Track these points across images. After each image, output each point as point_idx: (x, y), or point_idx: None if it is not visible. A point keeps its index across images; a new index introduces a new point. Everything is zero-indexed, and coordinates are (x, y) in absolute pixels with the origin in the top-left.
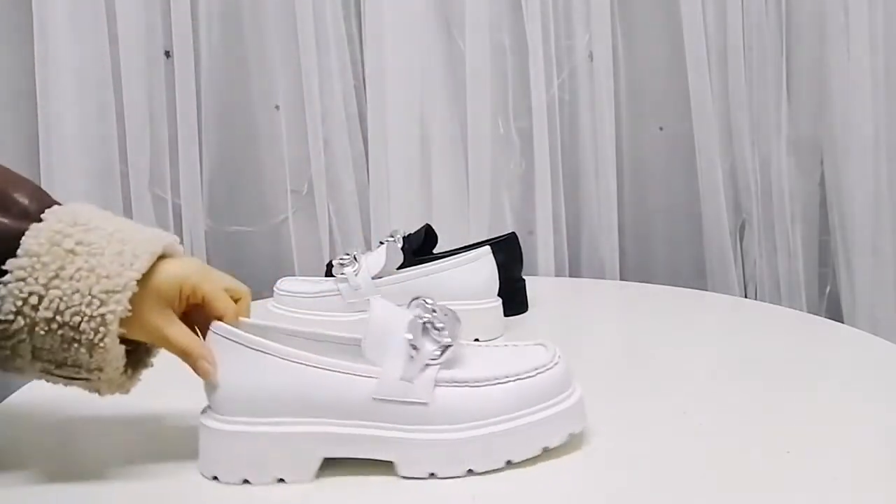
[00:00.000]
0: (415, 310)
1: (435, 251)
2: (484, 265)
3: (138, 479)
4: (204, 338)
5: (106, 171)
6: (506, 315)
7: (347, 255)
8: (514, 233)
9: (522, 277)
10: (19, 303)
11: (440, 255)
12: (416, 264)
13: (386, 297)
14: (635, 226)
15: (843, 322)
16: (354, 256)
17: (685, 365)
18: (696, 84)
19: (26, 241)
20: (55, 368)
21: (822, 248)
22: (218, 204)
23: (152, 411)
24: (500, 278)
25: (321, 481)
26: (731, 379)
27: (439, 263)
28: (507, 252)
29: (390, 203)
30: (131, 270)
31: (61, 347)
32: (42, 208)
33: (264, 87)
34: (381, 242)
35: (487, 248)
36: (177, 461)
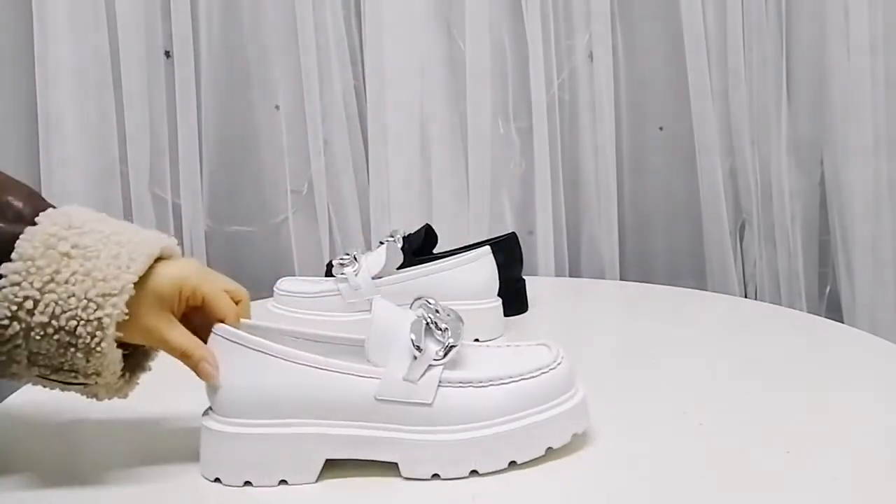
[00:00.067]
0: (418, 310)
1: (435, 251)
2: (484, 265)
3: (138, 481)
4: (205, 340)
5: (106, 171)
6: (506, 315)
7: (347, 255)
8: (514, 233)
9: (522, 277)
10: (14, 307)
11: (440, 255)
12: (416, 264)
13: (386, 297)
14: (635, 226)
15: (843, 322)
16: (354, 256)
17: (685, 365)
18: (696, 84)
19: (21, 244)
20: (51, 373)
21: (822, 248)
22: (218, 204)
23: (152, 413)
24: (500, 278)
25: (324, 483)
26: (731, 379)
27: (439, 263)
28: (507, 252)
29: (390, 203)
30: (128, 273)
31: (57, 352)
32: (36, 211)
33: (264, 87)
34: (381, 242)
35: (487, 248)
36: (177, 463)
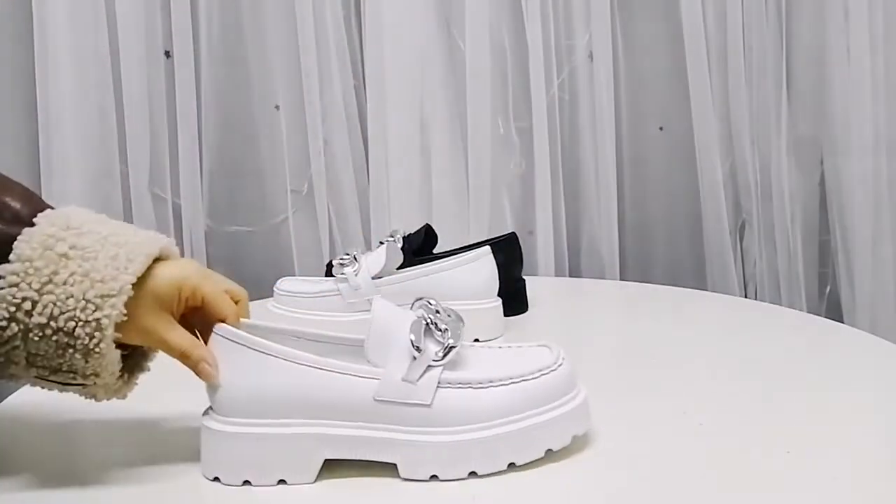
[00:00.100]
0: (418, 310)
1: (435, 251)
2: (484, 265)
3: (138, 481)
4: (205, 340)
5: (106, 171)
6: (506, 315)
7: (347, 255)
8: (514, 233)
9: (522, 277)
10: (12, 308)
11: (440, 255)
12: (416, 264)
13: (386, 297)
14: (635, 226)
15: (843, 322)
16: (354, 256)
17: (685, 365)
18: (696, 84)
19: (19, 245)
20: (50, 374)
21: (822, 248)
22: (218, 204)
23: (152, 413)
24: (500, 278)
25: (323, 483)
26: (731, 379)
27: (439, 263)
28: (507, 252)
29: (390, 203)
30: (126, 274)
31: (56, 353)
32: (34, 212)
33: (264, 87)
34: (381, 242)
35: (487, 248)
36: (177, 463)
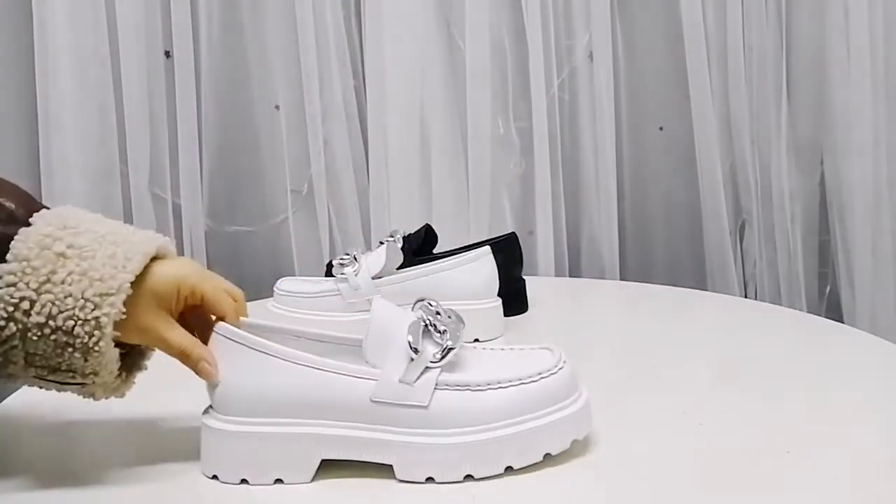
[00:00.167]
0: (418, 312)
1: (435, 251)
2: (484, 265)
3: (137, 480)
4: (203, 339)
5: (106, 170)
6: (506, 315)
7: (347, 255)
8: (514, 233)
9: (522, 277)
10: (10, 308)
11: (440, 255)
12: (416, 264)
13: (386, 297)
14: (635, 226)
15: (843, 322)
16: (354, 256)
17: (685, 365)
18: (696, 84)
19: (15, 245)
20: (49, 374)
21: (822, 248)
22: (218, 204)
23: (151, 412)
24: (500, 278)
25: (320, 482)
26: (731, 379)
27: (439, 263)
28: (507, 252)
29: (390, 203)
30: (124, 273)
31: (55, 352)
32: (30, 212)
33: (264, 87)
34: (381, 242)
35: (487, 248)
36: (176, 462)
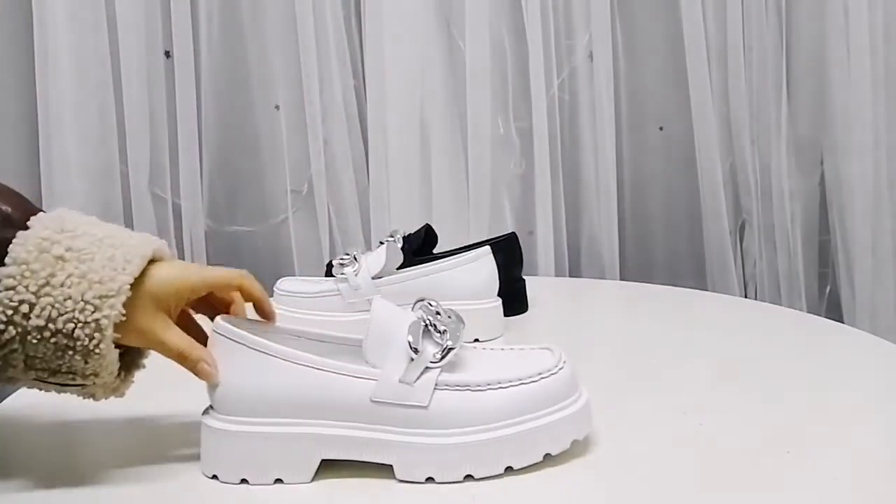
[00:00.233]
0: (418, 311)
1: (435, 251)
2: (484, 265)
3: (136, 479)
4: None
5: (106, 170)
6: (506, 315)
7: (347, 255)
8: (514, 233)
9: (522, 277)
10: (10, 312)
11: (440, 255)
12: (416, 264)
13: (386, 297)
14: (635, 226)
15: (843, 322)
16: (354, 256)
17: (685, 365)
18: (696, 84)
19: (14, 249)
20: (49, 376)
21: (822, 248)
22: (218, 204)
23: (150, 412)
24: (500, 278)
25: (320, 482)
26: (731, 379)
27: (439, 263)
28: (507, 252)
29: (390, 203)
30: (124, 275)
31: (55, 355)
32: (26, 216)
33: (264, 87)
34: (381, 242)
35: (487, 248)
36: (174, 461)
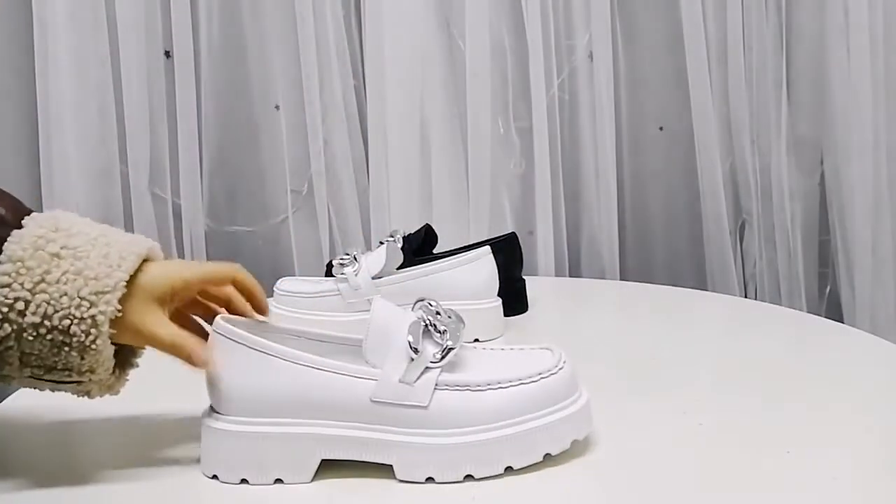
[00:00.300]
0: (418, 311)
1: (435, 251)
2: (484, 265)
3: (136, 479)
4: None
5: (106, 170)
6: (506, 315)
7: (347, 255)
8: (514, 233)
9: (522, 277)
10: (5, 309)
11: (440, 255)
12: (416, 264)
13: (386, 297)
14: (635, 226)
15: (843, 322)
16: (354, 256)
17: (685, 365)
18: (696, 84)
19: (8, 247)
20: (44, 373)
21: (822, 248)
22: (218, 204)
23: (150, 412)
24: (500, 278)
25: (320, 482)
26: (731, 379)
27: (439, 263)
28: (507, 252)
29: (390, 203)
30: (119, 271)
31: (51, 352)
32: (20, 216)
33: (264, 87)
34: (381, 242)
35: (487, 248)
36: (174, 462)
